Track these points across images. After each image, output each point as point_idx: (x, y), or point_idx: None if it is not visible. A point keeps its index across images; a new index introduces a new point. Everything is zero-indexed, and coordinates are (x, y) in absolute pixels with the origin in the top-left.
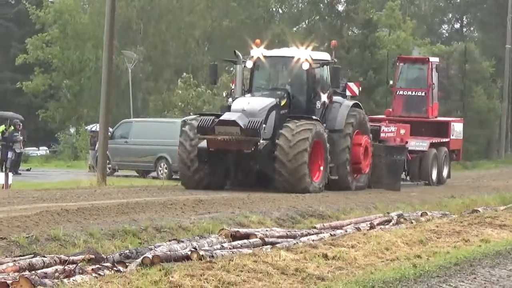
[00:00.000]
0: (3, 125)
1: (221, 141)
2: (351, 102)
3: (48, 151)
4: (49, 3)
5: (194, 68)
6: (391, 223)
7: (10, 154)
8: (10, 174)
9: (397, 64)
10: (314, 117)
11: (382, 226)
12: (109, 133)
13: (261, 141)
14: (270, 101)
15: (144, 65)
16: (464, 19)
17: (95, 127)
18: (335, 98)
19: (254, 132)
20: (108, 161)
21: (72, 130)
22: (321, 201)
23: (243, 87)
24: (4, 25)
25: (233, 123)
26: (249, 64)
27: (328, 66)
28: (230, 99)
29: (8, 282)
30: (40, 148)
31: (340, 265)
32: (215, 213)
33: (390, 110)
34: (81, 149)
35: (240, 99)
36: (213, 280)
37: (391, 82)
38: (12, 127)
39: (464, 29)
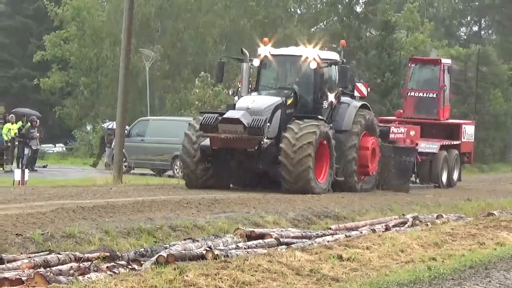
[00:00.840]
0: (20, 122)
1: (224, 139)
2: (359, 103)
3: (64, 148)
4: (67, 1)
5: (212, 67)
6: (406, 225)
7: (26, 151)
8: (26, 170)
9: (409, 65)
10: (319, 116)
11: (397, 228)
12: (126, 131)
13: (265, 140)
14: (275, 100)
15: (162, 64)
16: (482, 22)
17: (112, 124)
18: (343, 98)
19: (258, 130)
20: (124, 159)
21: (88, 127)
22: (336, 202)
23: (249, 85)
24: (22, 22)
25: (237, 121)
26: (256, 62)
27: (336, 66)
28: (236, 97)
29: (23, 278)
30: (57, 145)
31: (354, 266)
32: (230, 213)
33: (401, 111)
34: (97, 147)
35: (246, 97)
36: (227, 279)
37: (402, 83)
38: (29, 124)
39: (482, 32)
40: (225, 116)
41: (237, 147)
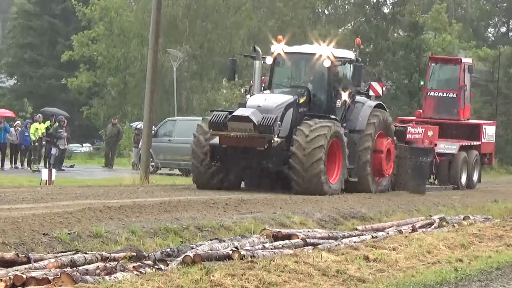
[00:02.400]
0: (48, 121)
1: (234, 137)
2: (374, 102)
3: (91, 148)
4: (95, 1)
5: (239, 68)
6: (433, 226)
7: (53, 150)
8: (53, 170)
9: (429, 64)
10: (332, 116)
11: (424, 229)
12: (153, 131)
13: (275, 139)
14: (287, 98)
15: (189, 64)
16: (510, 22)
17: (140, 124)
18: (358, 98)
19: (268, 129)
20: (151, 159)
21: None
22: (363, 203)
23: (262, 83)
24: (50, 22)
25: (246, 119)
26: (269, 60)
27: (351, 64)
28: (248, 95)
29: (50, 278)
30: (84, 145)
31: (381, 267)
32: (257, 213)
33: (420, 111)
34: (124, 147)
35: (257, 96)
36: (254, 280)
37: (422, 83)
38: (57, 124)
39: (510, 33)
40: (234, 114)
41: (246, 146)
